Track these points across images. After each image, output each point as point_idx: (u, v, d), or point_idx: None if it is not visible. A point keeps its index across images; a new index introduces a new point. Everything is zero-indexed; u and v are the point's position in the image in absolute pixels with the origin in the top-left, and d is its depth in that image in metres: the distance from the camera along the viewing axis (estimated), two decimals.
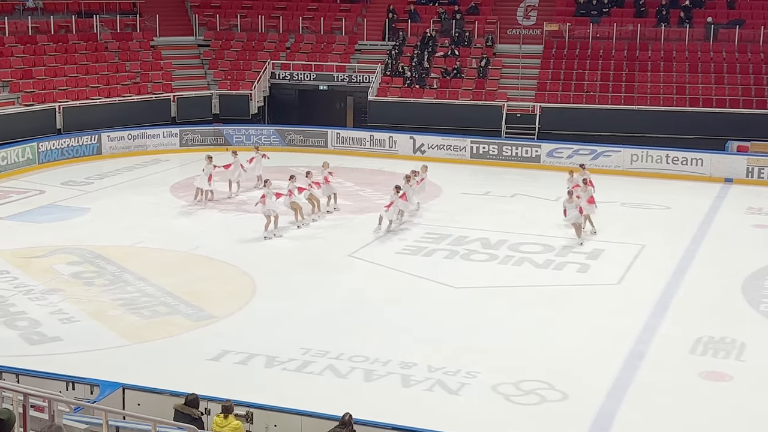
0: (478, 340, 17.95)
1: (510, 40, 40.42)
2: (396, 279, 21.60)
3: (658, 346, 17.74)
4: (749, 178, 32.42)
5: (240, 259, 22.63)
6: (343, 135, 37.43)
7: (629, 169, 33.50)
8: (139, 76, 39.11)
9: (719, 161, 33.03)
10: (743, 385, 16.14)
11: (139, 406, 13.21)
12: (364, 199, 29.54)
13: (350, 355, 17.00)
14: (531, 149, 35.01)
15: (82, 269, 21.97)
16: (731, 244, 24.74)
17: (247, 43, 42.20)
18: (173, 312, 19.29)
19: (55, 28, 39.46)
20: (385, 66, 39.75)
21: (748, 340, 17.95)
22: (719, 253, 24.03)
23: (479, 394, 15.62)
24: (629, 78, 37.81)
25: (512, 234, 25.15)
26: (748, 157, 32.99)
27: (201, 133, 37.24)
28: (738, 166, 32.65)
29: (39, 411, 10.05)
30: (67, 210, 27.49)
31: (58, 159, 33.67)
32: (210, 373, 16.27)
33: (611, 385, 16.00)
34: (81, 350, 17.28)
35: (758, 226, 26.78)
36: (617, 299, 20.51)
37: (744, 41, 38.14)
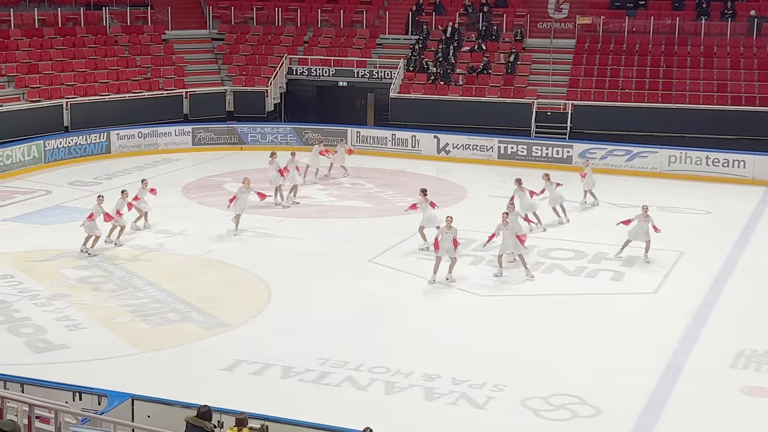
0: (505, 352, 17.89)
1: (540, 34, 40.34)
2: (418, 286, 21.56)
3: (697, 359, 17.63)
4: None
5: (254, 264, 22.66)
6: (364, 134, 37.45)
7: (667, 171, 33.32)
8: (150, 72, 39.31)
9: (763, 163, 32.79)
10: None
11: (149, 418, 13.24)
12: (385, 201, 29.54)
13: (370, 366, 16.99)
14: (562, 149, 34.90)
15: (90, 274, 22.08)
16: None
17: (263, 37, 42.32)
18: (185, 319, 19.35)
19: (63, 20, 39.73)
20: (407, 61, 39.75)
21: None
22: (762, 260, 23.87)
23: (507, 409, 15.56)
24: (667, 75, 37.63)
25: (542, 239, 25.06)
26: None
27: (214, 132, 37.38)
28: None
29: (44, 422, 10.12)
30: (74, 211, 27.60)
31: (66, 158, 33.87)
32: (223, 384, 16.31)
33: (647, 401, 15.90)
34: (88, 359, 17.35)
35: None
36: (654, 309, 20.39)
37: None
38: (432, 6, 41.95)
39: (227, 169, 33.88)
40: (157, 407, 13.50)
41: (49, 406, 9.89)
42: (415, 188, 30.95)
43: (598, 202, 28.89)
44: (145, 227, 25.63)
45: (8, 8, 38.61)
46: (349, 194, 30.52)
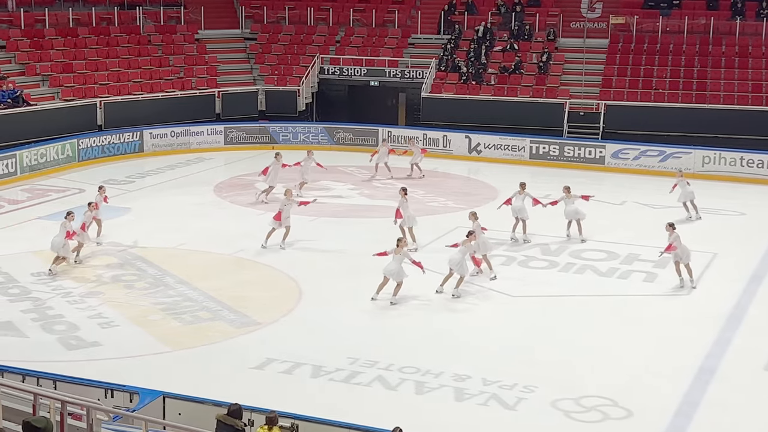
0: (536, 353, 17.82)
1: (573, 34, 40.15)
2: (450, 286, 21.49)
3: (730, 361, 17.47)
4: None
5: (285, 263, 22.72)
6: (395, 133, 37.44)
7: (701, 171, 33.04)
8: (183, 71, 39.50)
9: None
10: None
11: (180, 416, 13.30)
12: (415, 201, 29.45)
13: (400, 365, 16.98)
14: (595, 150, 34.72)
15: (122, 272, 22.23)
16: None
17: (296, 37, 42.42)
18: (216, 317, 19.43)
19: (97, 20, 40.02)
20: (439, 61, 39.71)
21: None
22: None
23: (537, 410, 15.50)
24: (701, 75, 37.34)
25: (574, 240, 24.93)
26: None
27: (246, 131, 37.51)
28: None
29: (77, 419, 10.18)
30: (107, 210, 27.69)
31: (99, 156, 34.12)
32: (254, 382, 16.36)
33: (680, 403, 15.78)
34: (120, 356, 17.47)
35: None
36: (687, 310, 20.23)
37: None
38: (464, 5, 41.87)
39: (259, 168, 33.81)
40: (188, 405, 13.57)
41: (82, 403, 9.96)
42: (447, 189, 31.03)
43: (698, 216, 27.28)
44: (97, 241, 23.88)
45: (43, 8, 38.95)
46: (380, 194, 30.51)
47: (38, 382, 13.77)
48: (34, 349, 17.60)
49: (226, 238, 24.96)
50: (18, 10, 38.15)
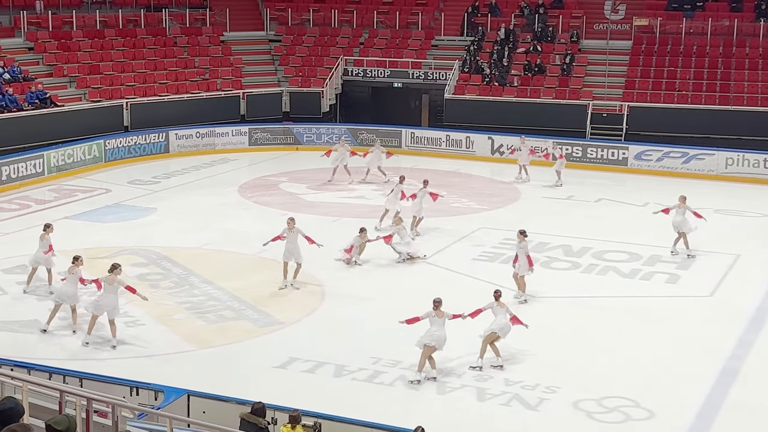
0: (558, 353, 17.77)
1: (596, 36, 40.02)
2: (472, 286, 21.46)
3: (753, 363, 17.37)
4: None
5: (308, 263, 22.68)
6: (418, 134, 37.44)
7: (724, 173, 32.86)
8: (209, 73, 39.68)
9: None
10: None
11: (205, 414, 13.36)
12: (438, 202, 29.42)
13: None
14: (618, 151, 34.59)
15: (148, 271, 22.33)
16: None
17: (320, 38, 42.51)
18: (240, 317, 19.49)
19: (124, 22, 40.26)
20: (462, 62, 39.67)
21: None
22: None
23: (559, 411, 15.46)
24: (725, 76, 37.11)
25: (596, 241, 24.85)
26: None
27: (271, 132, 37.62)
28: None
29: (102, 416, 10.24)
30: (133, 210, 27.98)
31: (125, 157, 34.31)
32: (277, 381, 16.40)
33: (702, 404, 15.70)
34: (146, 355, 17.56)
35: None
36: (709, 312, 20.11)
37: None
38: (487, 7, 41.82)
39: (283, 169, 34.08)
40: (212, 403, 13.64)
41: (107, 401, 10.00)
42: (469, 190, 30.96)
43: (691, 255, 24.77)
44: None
45: (70, 10, 39.22)
46: None
47: (65, 379, 13.87)
48: (62, 347, 17.75)
49: (249, 239, 24.97)
50: (46, 12, 38.43)
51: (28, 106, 33.44)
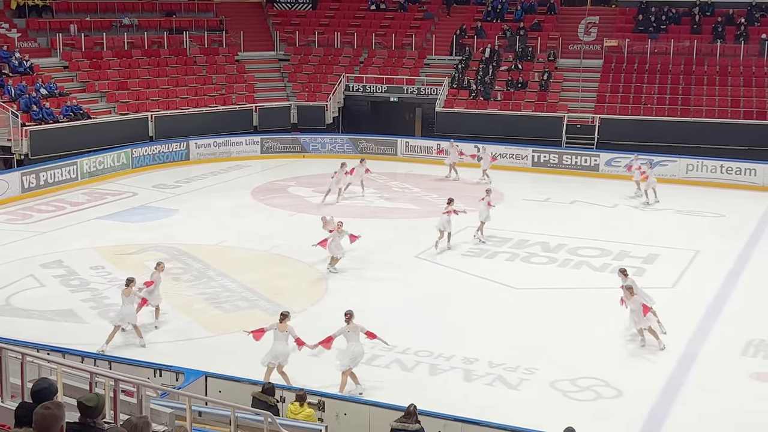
0: (537, 339, 17.77)
1: (571, 55, 39.99)
2: (460, 279, 21.50)
3: (710, 347, 17.38)
4: None
5: (313, 259, 22.71)
6: (412, 143, 37.42)
7: (685, 178, 32.85)
8: (225, 88, 39.61)
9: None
10: None
11: (221, 393, 13.34)
12: (430, 203, 29.46)
13: (416, 350, 16.97)
14: (590, 158, 34.57)
15: (170, 266, 22.22)
16: None
17: (324, 58, 42.46)
18: (253, 306, 19.47)
19: (149, 43, 40.20)
20: (452, 79, 39.63)
21: None
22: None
23: (538, 390, 15.46)
24: (685, 91, 37.10)
25: (571, 238, 24.84)
26: None
27: (280, 141, 37.57)
28: None
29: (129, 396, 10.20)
30: (157, 211, 27.95)
31: (150, 164, 34.25)
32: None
33: (664, 384, 15.71)
34: (168, 340, 17.55)
35: None
36: (671, 302, 20.05)
37: None
38: (474, 30, 41.78)
39: (291, 174, 34.07)
40: (228, 383, 13.62)
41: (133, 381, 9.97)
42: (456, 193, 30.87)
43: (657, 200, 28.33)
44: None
45: (101, 32, 39.15)
46: (399, 197, 30.51)
47: (95, 362, 13.85)
48: (93, 333, 17.67)
49: (262, 237, 25.01)
50: (79, 34, 38.38)
51: (63, 118, 33.38)
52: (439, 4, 44.38)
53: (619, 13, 41.66)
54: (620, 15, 41.48)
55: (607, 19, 41.45)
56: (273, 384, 12.56)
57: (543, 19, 41.72)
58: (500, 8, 42.77)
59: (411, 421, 11.67)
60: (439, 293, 20.54)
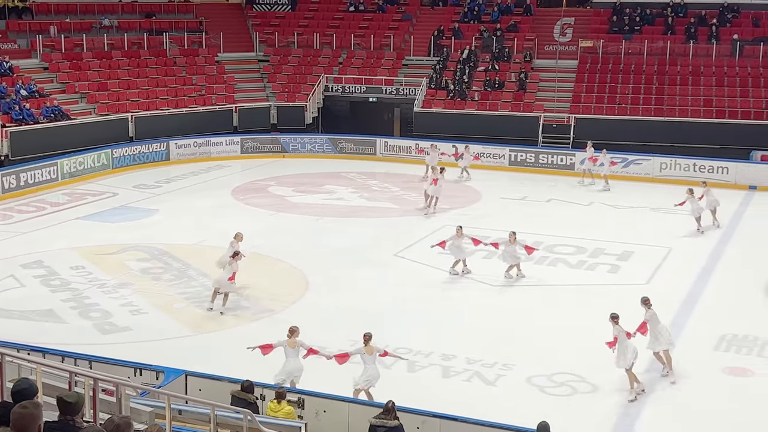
0: (514, 335, 17.82)
1: (547, 56, 40.13)
2: (438, 277, 21.52)
3: (684, 342, 17.44)
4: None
5: (294, 258, 22.70)
6: (391, 143, 37.42)
7: (658, 176, 33.04)
8: (205, 89, 39.47)
9: (744, 169, 32.48)
10: (765, 379, 15.83)
11: (201, 392, 13.28)
12: (409, 202, 29.50)
13: (394, 346, 16.91)
14: (566, 157, 34.70)
15: (151, 265, 22.20)
16: (755, 247, 24.32)
17: (303, 59, 42.39)
18: (232, 305, 19.38)
19: (129, 44, 39.98)
20: (430, 79, 39.67)
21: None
22: (743, 255, 23.63)
23: (515, 386, 15.50)
24: (659, 91, 37.32)
25: (547, 236, 24.92)
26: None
27: (260, 141, 37.47)
28: (762, 174, 32.09)
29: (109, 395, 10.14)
30: (137, 211, 27.81)
31: (130, 164, 34.06)
32: (265, 362, 16.27)
33: (640, 378, 15.74)
34: (148, 339, 17.45)
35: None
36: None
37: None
38: (451, 31, 41.84)
39: (271, 174, 33.99)
40: (208, 382, 13.55)
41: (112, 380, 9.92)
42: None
43: (718, 224, 25.97)
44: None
45: (81, 34, 38.90)
46: (378, 196, 30.51)
47: (76, 362, 13.74)
48: (73, 333, 17.60)
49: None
50: (59, 36, 38.11)
51: (43, 119, 33.14)
52: (417, 5, 44.41)
53: (594, 14, 41.86)
54: (595, 16, 41.68)
55: (582, 20, 41.64)
56: (252, 382, 12.51)
57: (519, 20, 41.85)
58: (477, 9, 42.86)
59: (390, 417, 11.67)
60: (419, 291, 20.56)
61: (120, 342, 17.19)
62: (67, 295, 19.77)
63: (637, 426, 14.09)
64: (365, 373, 14.47)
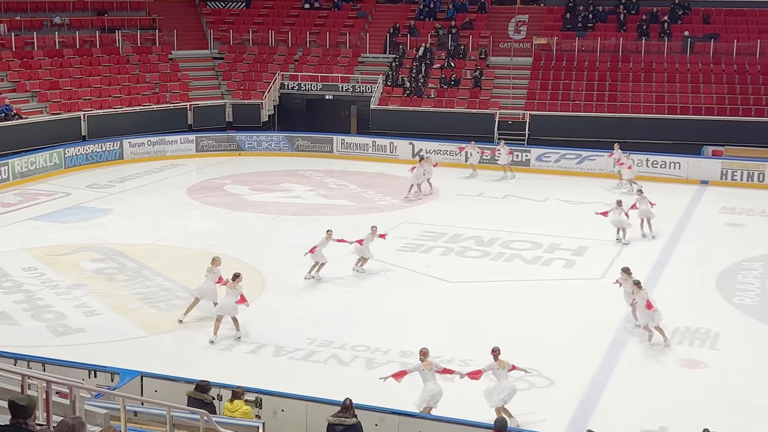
0: (471, 331, 17.89)
1: (502, 53, 40.38)
2: (396, 274, 21.55)
3: (638, 336, 17.67)
4: (723, 180, 32.37)
5: (250, 257, 22.57)
6: (348, 141, 37.39)
7: (612, 172, 33.37)
8: (158, 87, 39.10)
9: (695, 164, 32.99)
10: (717, 371, 16.10)
11: (156, 393, 13.16)
12: (366, 200, 29.52)
13: (353, 344, 16.97)
14: (521, 154, 34.93)
15: (105, 266, 21.94)
16: (707, 241, 24.70)
17: (259, 56, 42.17)
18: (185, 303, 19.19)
19: (81, 42, 39.45)
20: (386, 77, 39.70)
21: (722, 331, 17.93)
22: (695, 249, 23.98)
23: (472, 381, 15.51)
24: (612, 88, 37.75)
25: (504, 232, 25.09)
26: (722, 160, 32.95)
27: (215, 140, 37.21)
28: (713, 169, 32.61)
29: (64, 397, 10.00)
30: (91, 211, 27.47)
31: (83, 164, 33.63)
32: (223, 362, 16.24)
33: (595, 372, 15.96)
34: (103, 341, 17.24)
35: (731, 224, 26.73)
36: (600, 292, 20.42)
37: (718, 53, 38.11)
38: (407, 29, 41.93)
39: (227, 172, 33.78)
40: (164, 383, 13.43)
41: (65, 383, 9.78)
42: (393, 188, 31.01)
43: (653, 235, 24.89)
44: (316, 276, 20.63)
45: (32, 32, 38.31)
46: (336, 194, 30.46)
47: (29, 364, 13.53)
48: (26, 335, 17.32)
49: (197, 235, 24.75)
50: (9, 34, 37.50)
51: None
52: (372, 2, 44.42)
53: (548, 11, 42.21)
54: (548, 13, 42.03)
55: (536, 17, 41.98)
56: (208, 381, 12.42)
57: (474, 18, 42.06)
58: (432, 7, 42.99)
59: (348, 415, 11.66)
60: (376, 288, 20.57)
61: (74, 344, 16.95)
62: (20, 297, 19.46)
63: (593, 417, 14.23)
64: (427, 390, 13.81)
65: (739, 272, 21.83)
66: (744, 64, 37.50)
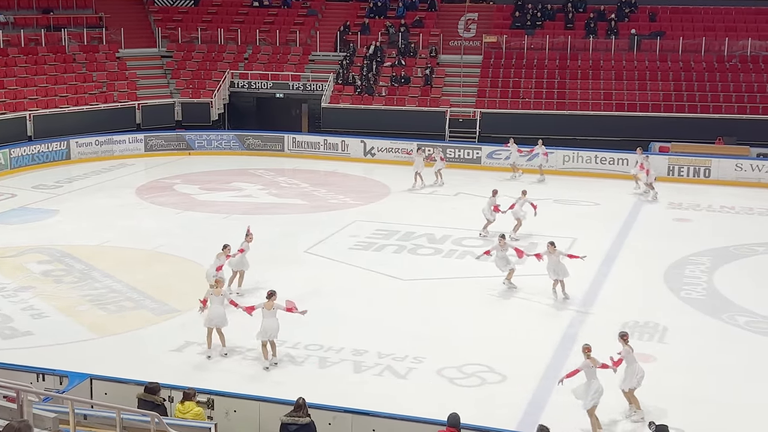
0: (424, 328, 17.95)
1: (452, 51, 40.57)
2: (348, 273, 21.55)
3: (588, 330, 17.89)
4: (670, 176, 32.89)
5: (200, 256, 22.31)
6: (299, 139, 37.28)
7: (561, 168, 33.77)
8: (106, 86, 38.59)
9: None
10: (665, 365, 16.34)
11: (107, 395, 13.00)
12: (318, 198, 29.46)
13: (306, 343, 16.93)
14: (472, 151, 35.15)
15: (52, 267, 21.60)
16: (654, 236, 25.07)
17: (208, 54, 41.84)
18: (138, 306, 19.05)
19: (26, 41, 38.78)
20: (336, 75, 39.65)
21: (670, 324, 18.22)
22: (644, 244, 24.33)
23: (425, 378, 15.62)
24: (561, 85, 38.15)
25: (455, 230, 25.22)
26: (669, 156, 33.49)
27: (164, 139, 36.84)
28: (660, 165, 33.04)
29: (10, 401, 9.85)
30: (37, 212, 27.02)
31: (29, 164, 33.08)
32: (174, 363, 16.09)
33: (546, 366, 16.10)
34: (51, 344, 16.98)
35: (679, 219, 27.18)
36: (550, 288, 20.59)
37: (664, 51, 38.71)
38: (358, 26, 41.92)
39: (176, 172, 33.47)
40: (114, 385, 13.27)
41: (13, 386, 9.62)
42: (345, 187, 30.99)
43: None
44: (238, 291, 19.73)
45: None
46: (287, 193, 30.35)
47: None
48: None
49: (147, 236, 24.49)
50: None
51: None
52: (322, 0, 44.31)
53: (497, 9, 42.51)
54: (497, 12, 42.33)
55: (486, 15, 42.25)
56: (157, 383, 12.29)
57: (424, 16, 42.20)
58: (382, 5, 43.04)
59: (301, 414, 11.64)
60: (329, 287, 20.53)
61: (21, 347, 16.67)
62: None
63: (545, 412, 14.38)
64: (591, 388, 13.71)
65: (686, 266, 22.19)
66: (690, 61, 38.15)
